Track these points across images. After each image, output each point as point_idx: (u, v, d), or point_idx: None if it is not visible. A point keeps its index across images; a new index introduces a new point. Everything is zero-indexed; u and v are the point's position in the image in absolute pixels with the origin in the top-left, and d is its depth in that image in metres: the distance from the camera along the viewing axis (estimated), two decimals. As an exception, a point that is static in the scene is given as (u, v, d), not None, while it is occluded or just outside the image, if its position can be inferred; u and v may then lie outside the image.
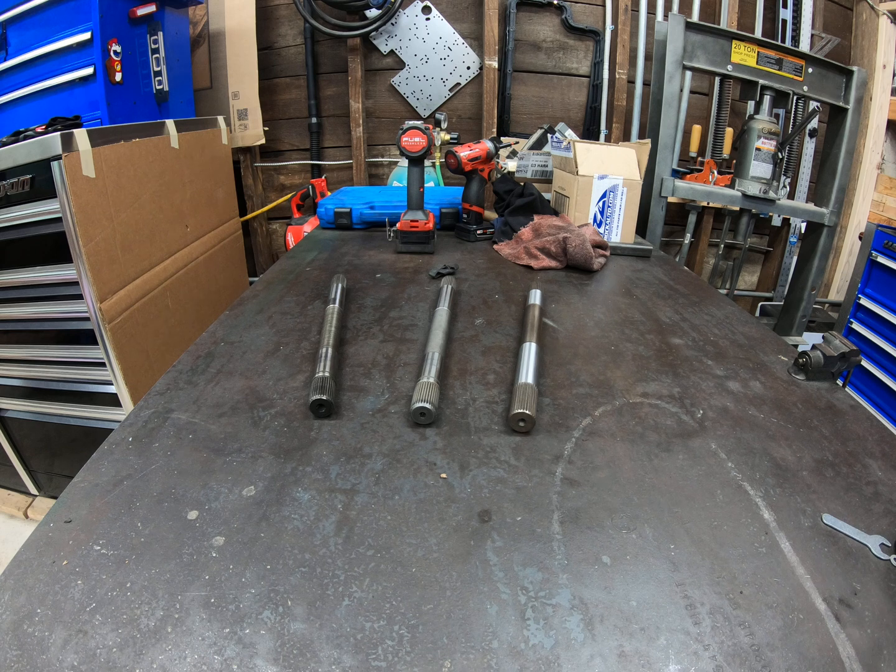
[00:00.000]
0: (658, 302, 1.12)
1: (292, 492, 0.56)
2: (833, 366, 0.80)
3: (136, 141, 1.51)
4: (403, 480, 0.58)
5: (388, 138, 2.49)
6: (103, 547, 0.48)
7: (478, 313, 1.02)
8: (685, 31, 1.62)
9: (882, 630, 0.43)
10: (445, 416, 0.69)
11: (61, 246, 1.28)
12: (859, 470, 0.62)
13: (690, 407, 0.73)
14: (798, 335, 2.03)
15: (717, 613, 0.44)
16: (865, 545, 0.51)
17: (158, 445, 0.62)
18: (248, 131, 2.35)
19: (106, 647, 0.40)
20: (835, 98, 1.76)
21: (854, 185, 2.50)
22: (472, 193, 1.50)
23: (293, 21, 2.33)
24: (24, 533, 1.16)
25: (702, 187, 1.82)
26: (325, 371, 0.73)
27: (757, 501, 0.56)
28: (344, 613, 0.43)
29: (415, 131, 1.28)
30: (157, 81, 1.94)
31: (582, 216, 1.44)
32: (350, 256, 1.36)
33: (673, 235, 2.59)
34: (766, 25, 2.35)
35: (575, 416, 0.70)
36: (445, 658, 0.40)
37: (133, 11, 1.75)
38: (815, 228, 1.89)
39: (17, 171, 1.26)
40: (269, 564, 0.47)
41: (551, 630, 0.42)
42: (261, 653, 0.40)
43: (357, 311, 1.02)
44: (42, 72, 1.73)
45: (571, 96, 2.43)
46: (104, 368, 1.41)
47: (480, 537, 0.51)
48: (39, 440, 1.63)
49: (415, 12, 2.28)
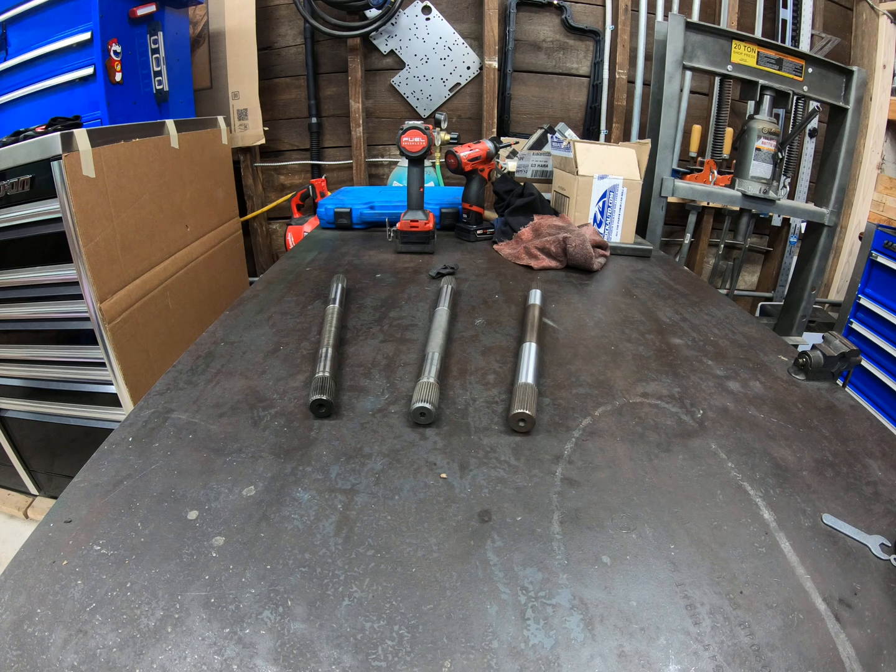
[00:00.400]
0: (658, 302, 1.12)
1: (292, 492, 0.56)
2: (833, 366, 0.80)
3: (136, 141, 1.51)
4: (403, 480, 0.58)
5: (388, 138, 2.49)
6: (103, 547, 0.48)
7: (478, 313, 1.02)
8: (685, 31, 1.62)
9: (882, 630, 0.43)
10: (445, 416, 0.70)
11: (61, 246, 1.28)
12: (859, 470, 0.62)
13: (690, 407, 0.73)
14: (798, 335, 2.03)
15: (717, 613, 0.44)
16: (865, 545, 0.51)
17: (158, 445, 0.62)
18: (248, 131, 2.35)
19: (106, 647, 0.40)
20: (835, 98, 1.76)
21: (854, 185, 2.50)
22: (472, 193, 1.50)
23: (293, 21, 2.33)
24: (24, 533, 1.16)
25: (702, 187, 1.82)
26: (325, 371, 0.73)
27: (757, 501, 0.56)
28: (344, 613, 0.43)
29: (415, 131, 1.28)
30: (157, 81, 1.94)
31: (582, 216, 1.44)
32: (350, 256, 1.36)
33: (673, 235, 2.59)
34: (766, 25, 2.35)
35: (575, 416, 0.70)
36: (445, 658, 0.40)
37: (133, 11, 1.75)
38: (815, 228, 1.89)
39: (17, 171, 1.26)
40: (269, 564, 0.47)
41: (551, 630, 0.42)
42: (261, 653, 0.40)
43: (357, 311, 1.02)
44: (42, 72, 1.73)
45: (571, 96, 2.43)
46: (104, 368, 1.41)
47: (480, 537, 0.51)
48: (39, 440, 1.63)
49: (415, 12, 2.28)
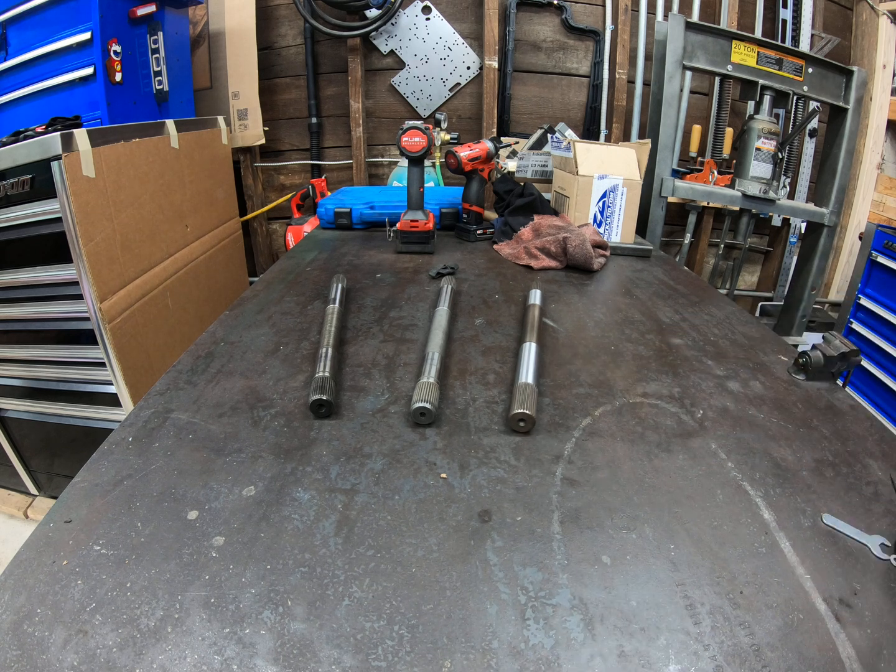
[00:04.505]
0: (658, 302, 1.12)
1: (292, 492, 0.56)
2: (833, 366, 0.80)
3: (136, 141, 1.51)
4: (403, 480, 0.58)
5: (388, 138, 2.48)
6: (103, 547, 0.48)
7: (478, 313, 1.02)
8: (685, 31, 1.61)
9: (882, 630, 0.43)
10: (445, 416, 0.69)
11: (61, 246, 1.28)
12: (859, 470, 0.62)
13: (690, 407, 0.73)
14: (798, 335, 2.03)
15: (717, 613, 0.44)
16: (865, 545, 0.51)
17: (158, 445, 0.62)
18: (248, 131, 2.35)
19: (106, 647, 0.40)
20: (835, 98, 1.76)
21: (854, 185, 2.49)
22: (472, 193, 1.50)
23: (293, 21, 2.33)
24: (24, 533, 1.16)
25: (702, 187, 1.82)
26: (325, 371, 0.73)
27: (757, 501, 0.56)
28: (344, 613, 0.43)
29: (415, 131, 1.28)
30: (157, 81, 1.94)
31: (582, 216, 1.44)
32: (350, 256, 1.36)
33: (673, 235, 2.59)
34: (766, 25, 2.35)
35: (575, 416, 0.70)
36: (445, 658, 0.40)
37: (133, 11, 1.75)
38: (815, 228, 1.89)
39: (17, 171, 1.26)
40: (269, 564, 0.47)
41: (551, 630, 0.42)
42: (261, 653, 0.40)
43: (357, 311, 1.02)
44: (42, 72, 1.73)
45: (571, 96, 2.43)
46: (104, 368, 1.41)
47: (480, 537, 0.51)
48: (39, 440, 1.63)
49: (415, 12, 2.27)
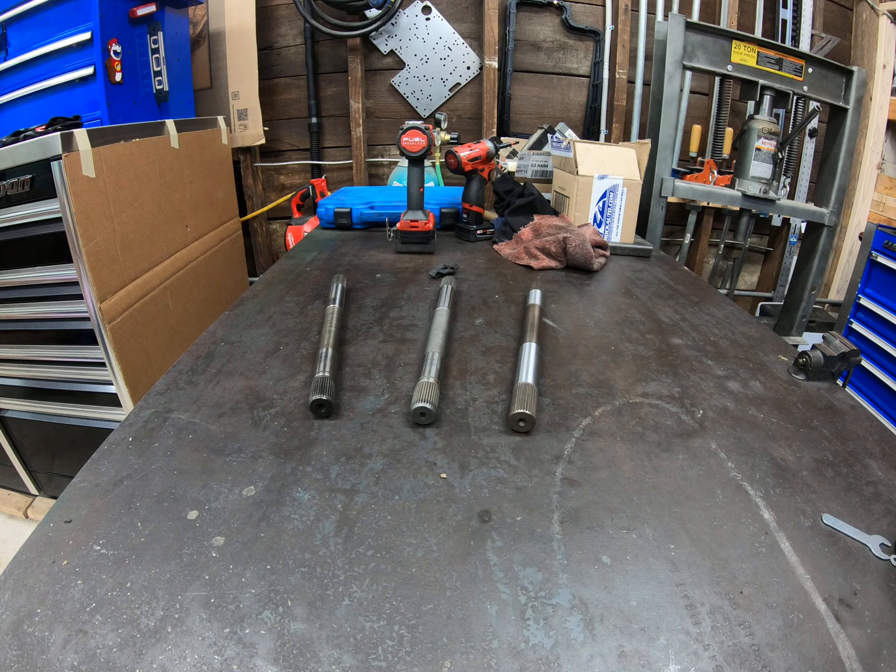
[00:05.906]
0: (658, 302, 1.12)
1: (292, 492, 0.56)
2: (833, 366, 0.80)
3: (136, 141, 1.51)
4: (403, 480, 0.58)
5: (388, 138, 2.49)
6: (103, 547, 0.48)
7: (478, 313, 1.02)
8: (685, 31, 1.62)
9: (882, 630, 0.43)
10: (445, 416, 0.69)
11: (61, 246, 1.28)
12: (859, 470, 0.62)
13: (690, 407, 0.73)
14: (798, 335, 2.03)
15: (717, 613, 0.44)
16: (865, 545, 0.51)
17: (158, 445, 0.62)
18: (248, 131, 2.35)
19: (106, 647, 0.40)
20: (835, 98, 1.76)
21: (854, 185, 2.49)
22: (472, 193, 1.50)
23: (293, 21, 2.33)
24: (24, 533, 1.16)
25: (702, 187, 1.82)
26: (325, 371, 0.73)
27: (757, 501, 0.56)
28: (344, 613, 0.43)
29: (415, 131, 1.28)
30: (157, 81, 1.94)
31: (582, 216, 1.44)
32: (350, 256, 1.36)
33: (673, 235, 2.59)
34: (766, 25, 2.35)
35: (575, 416, 0.70)
36: (445, 658, 0.40)
37: (133, 11, 1.75)
38: (815, 228, 1.89)
39: (17, 171, 1.26)
40: (269, 564, 0.47)
41: (551, 630, 0.42)
42: (261, 653, 0.40)
43: (357, 311, 1.02)
44: (42, 72, 1.73)
45: (571, 96, 2.43)
46: (104, 368, 1.41)
47: (480, 537, 0.51)
48: (39, 440, 1.63)
49: (415, 12, 2.28)
